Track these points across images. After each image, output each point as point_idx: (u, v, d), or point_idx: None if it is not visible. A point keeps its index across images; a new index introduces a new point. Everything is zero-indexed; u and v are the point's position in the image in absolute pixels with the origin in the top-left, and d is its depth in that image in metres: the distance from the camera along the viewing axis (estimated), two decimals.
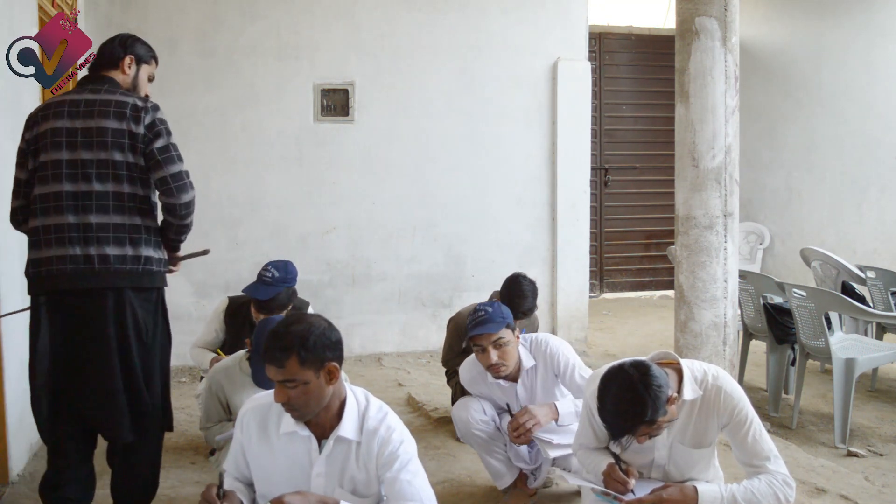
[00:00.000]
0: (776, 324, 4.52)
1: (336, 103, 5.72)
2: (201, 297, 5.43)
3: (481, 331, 2.90)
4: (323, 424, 2.08)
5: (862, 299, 4.65)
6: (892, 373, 5.22)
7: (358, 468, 2.08)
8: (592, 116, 6.84)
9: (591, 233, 6.82)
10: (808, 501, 3.17)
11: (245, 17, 5.53)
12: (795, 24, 7.81)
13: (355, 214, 5.78)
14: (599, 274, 8.06)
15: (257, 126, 5.57)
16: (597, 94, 7.62)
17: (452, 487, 3.34)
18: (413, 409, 4.50)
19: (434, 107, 5.89)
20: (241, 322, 3.71)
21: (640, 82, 8.10)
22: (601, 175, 7.91)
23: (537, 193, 6.13)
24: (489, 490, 3.30)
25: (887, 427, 4.28)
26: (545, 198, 6.14)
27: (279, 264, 3.53)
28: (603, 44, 7.95)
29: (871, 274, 5.03)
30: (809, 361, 4.45)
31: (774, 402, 4.51)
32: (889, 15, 6.92)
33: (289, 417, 2.05)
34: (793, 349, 4.49)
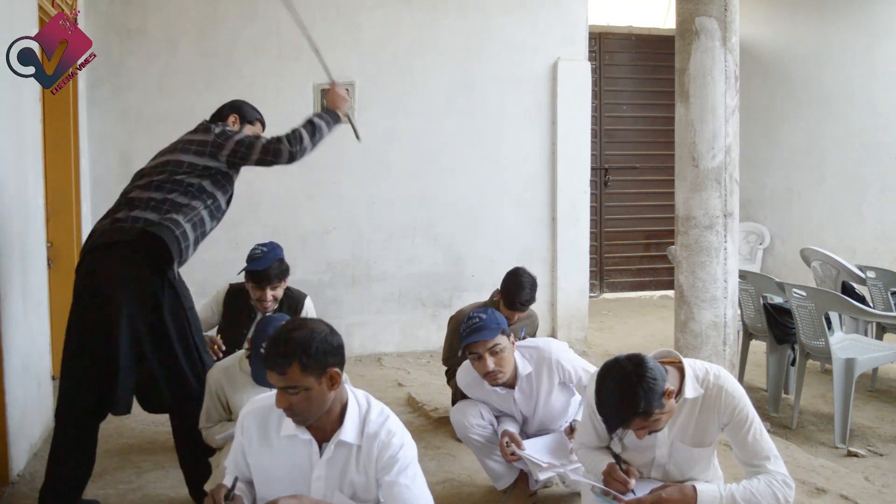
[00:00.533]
0: (776, 324, 4.52)
1: None
2: (201, 297, 5.34)
3: (476, 338, 2.87)
4: (324, 428, 2.07)
5: (862, 299, 4.65)
6: (892, 373, 5.22)
7: (358, 472, 2.07)
8: (592, 116, 6.84)
9: (591, 233, 6.81)
10: (808, 501, 3.17)
11: (245, 17, 5.52)
12: (796, 24, 7.81)
13: (355, 214, 5.78)
14: (599, 274, 8.06)
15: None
16: (597, 94, 7.62)
17: (452, 487, 3.34)
18: (413, 409, 4.50)
19: (434, 107, 5.88)
20: (239, 309, 3.79)
21: (640, 82, 8.09)
22: (601, 175, 7.91)
23: (537, 193, 6.13)
24: (489, 490, 3.30)
25: (887, 427, 4.28)
26: (545, 198, 6.14)
27: (264, 243, 3.72)
28: (603, 44, 7.94)
29: (871, 274, 5.03)
30: (809, 361, 4.45)
31: (774, 402, 4.51)
32: (889, 15, 6.92)
33: (289, 420, 2.05)
34: (793, 349, 4.49)
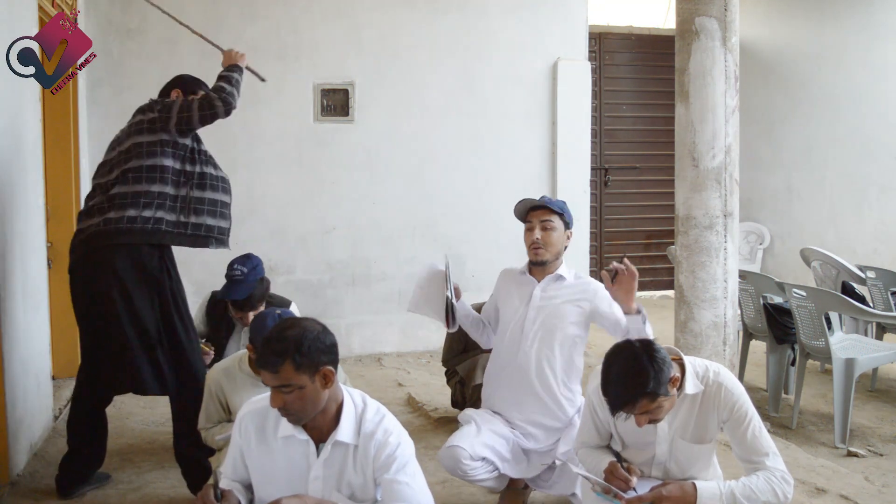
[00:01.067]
0: (776, 324, 4.52)
1: (336, 103, 5.72)
2: (201, 297, 5.42)
3: (538, 205, 3.14)
4: (320, 428, 2.07)
5: (862, 299, 4.65)
6: (892, 373, 5.22)
7: (355, 472, 2.07)
8: (592, 116, 6.83)
9: (591, 233, 6.82)
10: (808, 501, 3.17)
11: (245, 17, 5.52)
12: (795, 24, 7.80)
13: (355, 214, 5.78)
14: (599, 274, 8.05)
15: (257, 126, 5.56)
16: (597, 94, 7.61)
17: (453, 487, 3.33)
18: (413, 409, 4.50)
19: (434, 107, 5.88)
20: (220, 317, 3.79)
21: (640, 82, 8.09)
22: (601, 175, 7.90)
23: (537, 193, 6.07)
24: (489, 490, 3.30)
25: (887, 427, 4.28)
26: None
27: (241, 259, 3.64)
28: (603, 44, 7.94)
29: (871, 274, 5.03)
30: (809, 361, 4.45)
31: (774, 402, 4.50)
32: (889, 15, 6.92)
33: (286, 421, 2.05)
34: (793, 349, 4.49)
